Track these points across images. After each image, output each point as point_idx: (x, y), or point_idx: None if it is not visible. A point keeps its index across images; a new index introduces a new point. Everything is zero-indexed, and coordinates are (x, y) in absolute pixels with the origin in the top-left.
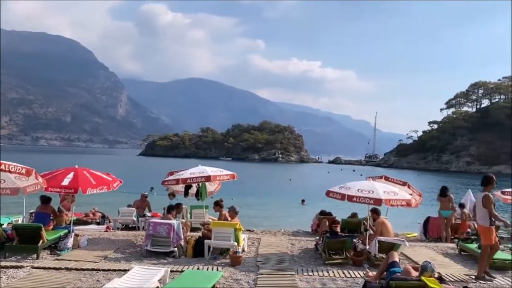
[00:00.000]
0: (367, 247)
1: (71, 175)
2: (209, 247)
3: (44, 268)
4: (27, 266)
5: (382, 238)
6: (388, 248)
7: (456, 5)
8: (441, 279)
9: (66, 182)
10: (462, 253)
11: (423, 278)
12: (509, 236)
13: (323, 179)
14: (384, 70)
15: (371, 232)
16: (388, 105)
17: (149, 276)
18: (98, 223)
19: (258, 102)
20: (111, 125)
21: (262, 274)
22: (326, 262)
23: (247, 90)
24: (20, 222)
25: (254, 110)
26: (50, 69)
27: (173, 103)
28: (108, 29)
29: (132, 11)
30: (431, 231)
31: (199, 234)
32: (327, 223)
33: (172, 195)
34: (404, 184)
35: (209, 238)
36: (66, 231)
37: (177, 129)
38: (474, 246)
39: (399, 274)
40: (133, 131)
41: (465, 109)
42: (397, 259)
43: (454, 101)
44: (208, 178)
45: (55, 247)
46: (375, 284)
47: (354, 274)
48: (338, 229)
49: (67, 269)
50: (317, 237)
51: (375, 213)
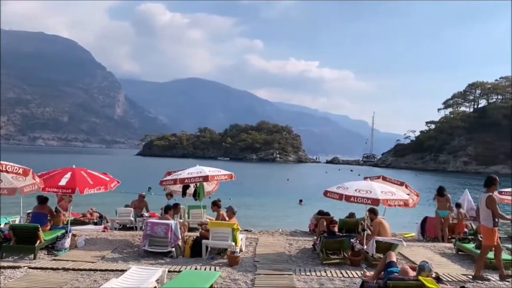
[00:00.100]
0: (365, 247)
1: (68, 175)
2: (206, 247)
3: (41, 268)
4: (24, 267)
5: (379, 238)
6: (385, 248)
7: (457, 5)
8: (438, 279)
9: (63, 182)
10: (460, 253)
11: (420, 278)
12: (506, 236)
13: (321, 179)
14: (384, 70)
15: (369, 232)
16: (388, 105)
17: (147, 276)
18: (95, 223)
19: (256, 102)
20: (109, 125)
21: (259, 274)
22: (324, 262)
23: (245, 90)
24: (17, 222)
25: (252, 110)
26: (48, 69)
27: (171, 103)
28: (105, 29)
29: (129, 11)
30: (428, 231)
31: (197, 234)
32: (324, 223)
33: (169, 195)
34: (401, 184)
35: (207, 238)
36: (64, 231)
37: (175, 129)
38: (471, 246)
39: (396, 274)
40: (130, 131)
41: (462, 109)
42: (394, 259)
43: (451, 101)
44: (206, 178)
45: (52, 247)
46: (372, 284)
47: (352, 274)
48: (336, 229)
49: (64, 269)
50: (315, 237)
51: (372, 213)
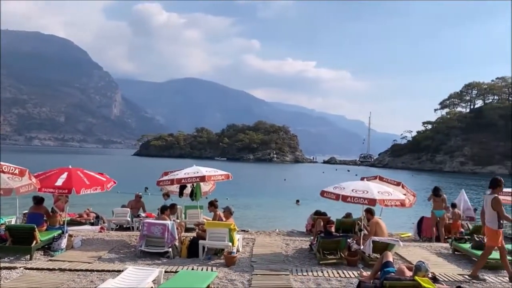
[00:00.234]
0: (362, 247)
1: (64, 176)
2: (203, 247)
3: (37, 269)
4: (20, 267)
5: (376, 238)
6: (382, 248)
7: (456, 5)
8: (435, 279)
9: (59, 182)
10: (456, 253)
11: (417, 278)
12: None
13: (318, 179)
14: (382, 70)
15: (366, 232)
16: (385, 105)
17: (143, 277)
18: (92, 224)
19: (253, 102)
20: (105, 125)
21: (256, 275)
22: (321, 262)
23: (242, 90)
24: (13, 223)
25: (249, 110)
26: (44, 68)
27: (168, 103)
28: (102, 29)
29: (126, 10)
30: (425, 231)
31: (194, 234)
32: (321, 223)
33: (166, 195)
34: (398, 184)
35: (204, 239)
36: (60, 231)
37: (172, 129)
38: (467, 246)
39: (393, 274)
40: (127, 131)
41: (459, 109)
42: (391, 259)
43: (448, 102)
44: (202, 178)
45: (48, 248)
46: (369, 284)
47: (349, 274)
48: (333, 229)
49: (60, 270)
50: (312, 237)
51: (369, 213)
